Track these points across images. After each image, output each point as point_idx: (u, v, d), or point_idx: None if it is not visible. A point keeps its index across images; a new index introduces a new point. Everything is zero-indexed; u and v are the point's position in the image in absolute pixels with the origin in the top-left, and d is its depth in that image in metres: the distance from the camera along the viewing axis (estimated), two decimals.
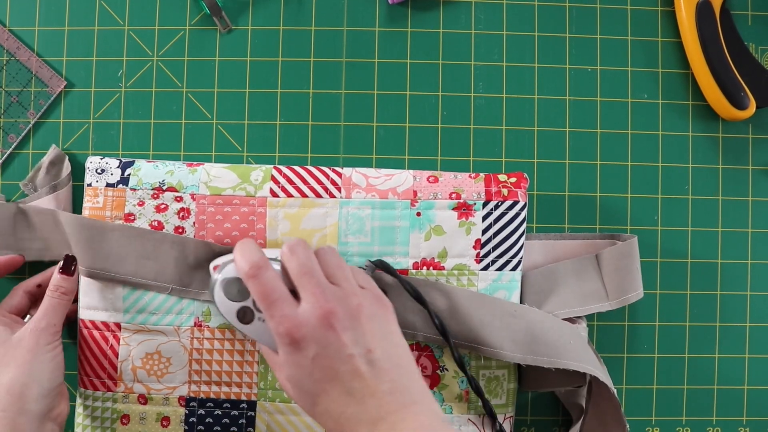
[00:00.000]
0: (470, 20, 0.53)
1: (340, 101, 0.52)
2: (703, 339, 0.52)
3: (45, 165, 0.50)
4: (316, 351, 0.38)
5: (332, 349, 0.38)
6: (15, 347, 0.43)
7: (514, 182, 0.48)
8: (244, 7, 0.52)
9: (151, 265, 0.47)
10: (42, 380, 0.42)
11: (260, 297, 0.39)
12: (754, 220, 0.53)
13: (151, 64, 0.52)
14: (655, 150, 0.53)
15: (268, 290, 0.39)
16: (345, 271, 0.41)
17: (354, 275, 0.42)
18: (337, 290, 0.40)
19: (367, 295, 0.41)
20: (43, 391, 0.42)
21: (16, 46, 0.51)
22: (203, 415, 0.48)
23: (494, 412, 0.47)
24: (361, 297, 0.40)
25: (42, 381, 0.42)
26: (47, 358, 0.43)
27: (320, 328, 0.38)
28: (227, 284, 0.42)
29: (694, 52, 0.51)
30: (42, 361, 0.43)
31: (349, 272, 0.41)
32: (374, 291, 0.42)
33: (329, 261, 0.41)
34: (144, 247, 0.47)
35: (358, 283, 0.42)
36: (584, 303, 0.49)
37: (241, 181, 0.48)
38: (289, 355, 0.39)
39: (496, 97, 0.52)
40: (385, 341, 0.39)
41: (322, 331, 0.38)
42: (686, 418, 0.52)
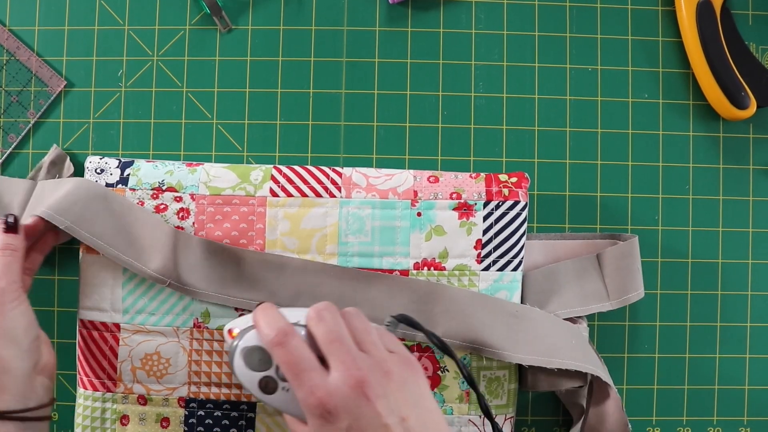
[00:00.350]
0: (470, 20, 0.53)
1: (341, 101, 0.52)
2: (703, 339, 0.52)
3: (46, 165, 0.50)
4: (350, 422, 0.36)
5: (366, 420, 0.36)
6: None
7: (515, 182, 0.48)
8: (244, 7, 0.52)
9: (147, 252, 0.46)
10: (16, 338, 0.41)
11: (288, 366, 0.38)
12: (754, 220, 0.53)
13: (151, 64, 0.52)
14: (655, 150, 0.53)
15: (296, 359, 0.37)
16: (372, 336, 0.40)
17: (381, 337, 0.40)
18: (367, 357, 0.38)
19: (396, 360, 0.39)
20: (22, 348, 0.41)
21: (16, 45, 0.51)
22: (203, 416, 0.48)
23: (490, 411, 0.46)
24: (391, 363, 0.38)
25: (16, 338, 0.41)
26: (15, 314, 0.42)
27: (353, 397, 0.36)
28: (248, 353, 0.40)
29: (695, 52, 0.51)
30: (11, 319, 0.42)
31: (377, 336, 0.40)
32: (402, 354, 0.40)
33: (356, 326, 0.40)
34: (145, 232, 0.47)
35: (386, 346, 0.40)
36: (585, 303, 0.49)
37: (241, 180, 0.48)
38: (321, 427, 0.37)
39: (497, 96, 0.52)
40: (419, 408, 0.38)
41: (356, 401, 0.36)
42: (687, 418, 0.52)
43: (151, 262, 0.46)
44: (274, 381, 0.40)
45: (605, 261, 0.49)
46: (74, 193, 0.46)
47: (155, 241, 0.47)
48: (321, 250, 0.48)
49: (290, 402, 0.39)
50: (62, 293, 0.51)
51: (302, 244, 0.47)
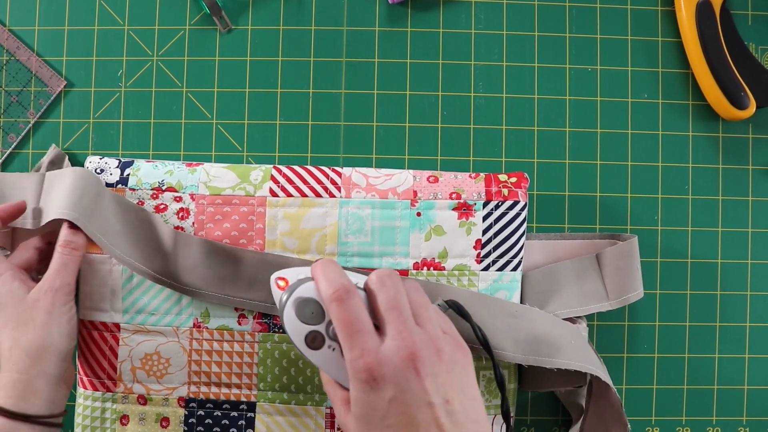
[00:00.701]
0: (470, 20, 0.53)
1: (340, 101, 0.52)
2: (703, 339, 0.52)
3: (45, 165, 0.50)
4: (395, 393, 0.35)
5: (412, 395, 0.35)
6: (32, 307, 0.41)
7: (515, 182, 0.48)
8: (244, 7, 0.52)
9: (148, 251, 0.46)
10: (60, 343, 0.42)
11: (342, 324, 0.37)
12: (754, 220, 0.53)
13: (151, 64, 0.52)
14: (655, 150, 0.53)
15: (352, 318, 0.37)
16: (429, 312, 0.39)
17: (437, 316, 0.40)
18: (423, 332, 0.37)
19: (450, 341, 0.38)
20: (61, 355, 0.42)
21: (16, 45, 0.51)
22: (203, 416, 0.48)
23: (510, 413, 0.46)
24: (443, 342, 0.38)
25: (60, 344, 0.42)
26: (64, 320, 0.42)
27: (403, 369, 0.36)
28: (301, 304, 0.39)
29: (695, 52, 0.51)
30: (59, 324, 0.42)
31: (434, 314, 0.39)
32: (455, 336, 0.39)
33: (415, 299, 0.39)
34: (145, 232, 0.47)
35: (440, 326, 0.39)
36: (584, 303, 0.49)
37: (241, 180, 0.48)
38: (364, 393, 0.36)
39: (496, 96, 0.52)
40: (463, 393, 0.37)
41: (405, 373, 0.35)
42: (686, 418, 0.52)
43: (152, 262, 0.46)
44: (322, 337, 0.39)
45: (605, 261, 0.49)
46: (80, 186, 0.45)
47: (155, 241, 0.47)
48: (321, 250, 0.48)
49: (333, 362, 0.39)
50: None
51: (302, 244, 0.47)
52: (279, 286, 0.41)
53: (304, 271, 0.41)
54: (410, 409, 0.35)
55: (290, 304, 0.39)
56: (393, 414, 0.35)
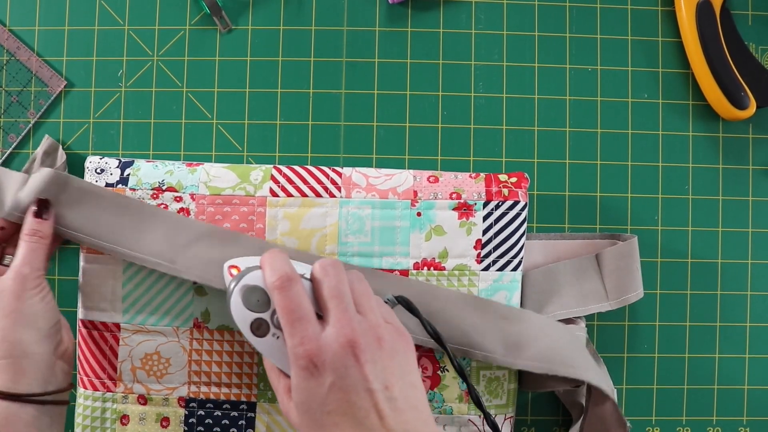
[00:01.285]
0: (470, 20, 0.53)
1: (340, 101, 0.52)
2: (703, 339, 0.52)
3: (39, 156, 0.50)
4: (334, 380, 0.36)
5: (351, 381, 0.36)
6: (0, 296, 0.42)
7: (515, 182, 0.48)
8: (244, 7, 0.52)
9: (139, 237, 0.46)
10: (36, 323, 0.42)
11: (285, 312, 0.37)
12: (754, 220, 0.53)
13: (151, 64, 0.52)
14: (655, 150, 0.53)
15: (294, 306, 0.37)
16: (372, 301, 0.40)
17: (379, 306, 0.40)
18: (364, 320, 0.38)
19: (390, 330, 0.39)
20: (41, 334, 0.42)
21: (16, 45, 0.51)
22: (203, 416, 0.48)
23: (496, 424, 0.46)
24: (385, 330, 0.38)
25: (36, 324, 0.42)
26: (35, 301, 0.42)
27: (343, 356, 0.36)
28: (247, 291, 0.40)
29: (695, 52, 0.51)
30: (31, 305, 0.42)
31: (375, 303, 0.40)
32: (397, 326, 0.40)
33: (358, 288, 0.40)
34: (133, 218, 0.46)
35: (383, 315, 0.40)
36: (584, 303, 0.49)
37: (241, 180, 0.48)
38: (304, 380, 0.37)
39: (497, 96, 0.52)
40: (404, 381, 0.38)
41: (344, 360, 0.36)
42: (686, 418, 0.52)
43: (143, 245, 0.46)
44: (267, 325, 0.39)
45: (604, 261, 0.49)
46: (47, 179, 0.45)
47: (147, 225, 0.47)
48: (321, 250, 0.48)
49: (277, 350, 0.39)
50: (62, 293, 0.51)
51: (302, 244, 0.47)
52: (231, 274, 0.41)
53: (256, 260, 0.42)
54: (349, 395, 0.36)
55: (237, 291, 0.40)
56: (333, 400, 0.36)
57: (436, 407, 0.48)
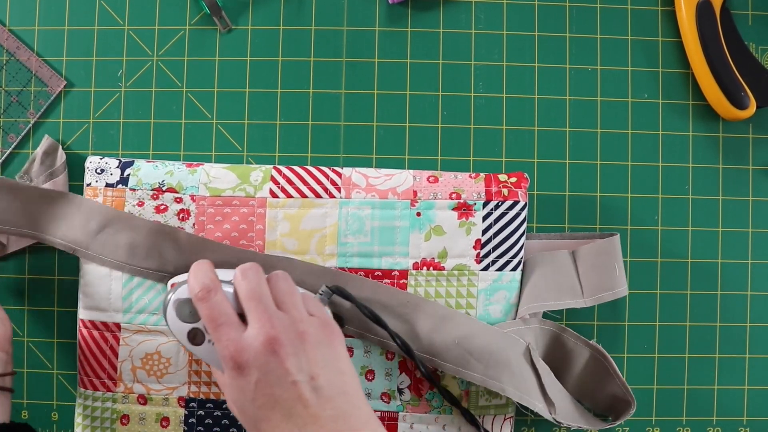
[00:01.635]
0: (470, 20, 0.53)
1: (340, 101, 0.52)
2: (703, 339, 0.52)
3: (39, 156, 0.50)
4: (258, 377, 0.38)
5: (274, 376, 0.38)
6: None
7: (515, 182, 0.48)
8: (244, 7, 0.52)
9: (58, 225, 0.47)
10: None
11: (208, 320, 0.40)
12: (754, 220, 0.53)
13: (151, 64, 0.52)
14: (655, 150, 0.53)
15: (215, 314, 0.40)
16: (294, 298, 0.41)
17: (304, 302, 0.42)
18: (284, 317, 0.40)
19: (314, 322, 0.41)
20: None
21: (16, 45, 0.51)
22: (203, 415, 0.48)
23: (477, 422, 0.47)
24: (307, 324, 0.40)
25: None
26: None
27: (264, 354, 0.38)
28: (180, 305, 0.42)
29: (695, 52, 0.51)
30: None
31: (299, 299, 0.42)
32: (323, 317, 0.42)
33: (280, 287, 0.41)
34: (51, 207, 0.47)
35: (308, 309, 0.42)
36: (559, 297, 0.49)
37: (241, 181, 0.48)
38: (233, 379, 0.39)
39: (497, 96, 0.52)
40: (330, 368, 0.39)
41: (266, 357, 0.38)
42: (686, 418, 0.52)
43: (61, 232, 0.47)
44: (201, 333, 0.42)
45: (580, 258, 0.49)
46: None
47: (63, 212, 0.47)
48: (320, 251, 0.48)
49: (214, 355, 0.41)
50: (62, 293, 0.51)
51: (302, 244, 0.47)
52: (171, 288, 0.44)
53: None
54: (274, 389, 0.38)
55: (171, 305, 0.42)
56: (260, 396, 0.38)
57: (436, 407, 0.48)
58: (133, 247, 0.47)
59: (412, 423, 0.48)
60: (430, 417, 0.48)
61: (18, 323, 0.51)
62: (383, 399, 0.48)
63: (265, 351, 0.38)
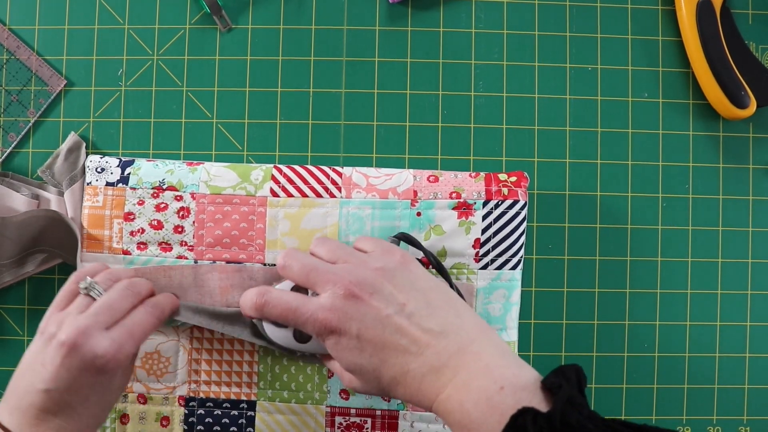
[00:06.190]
0: (470, 19, 0.53)
1: (340, 100, 0.52)
2: (703, 338, 0.52)
3: (63, 152, 0.50)
4: (357, 327, 0.38)
5: (369, 318, 0.38)
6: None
7: (515, 181, 0.48)
8: (245, 6, 0.52)
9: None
10: None
11: (283, 315, 0.40)
12: (754, 219, 0.53)
13: (151, 63, 0.52)
14: (655, 149, 0.53)
15: (284, 305, 0.39)
16: (345, 249, 0.41)
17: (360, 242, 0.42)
18: (347, 266, 0.40)
19: (378, 256, 0.41)
20: None
21: (16, 44, 0.51)
22: (203, 414, 0.48)
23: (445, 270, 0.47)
24: (372, 260, 0.40)
25: None
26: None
27: (349, 304, 0.38)
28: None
29: (695, 51, 0.51)
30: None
31: (350, 248, 0.42)
32: (383, 247, 0.42)
33: (327, 248, 0.42)
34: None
35: (364, 248, 0.42)
36: None
37: (242, 180, 0.48)
38: (336, 345, 0.38)
39: (497, 96, 0.52)
40: (414, 290, 0.39)
41: (352, 306, 0.38)
42: (686, 418, 0.52)
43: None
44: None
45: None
46: None
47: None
48: None
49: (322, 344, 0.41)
50: None
51: (302, 244, 0.47)
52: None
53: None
54: (374, 330, 0.37)
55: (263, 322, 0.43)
56: (367, 345, 0.38)
57: None
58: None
59: (412, 422, 0.48)
60: (431, 415, 0.48)
61: (18, 323, 0.51)
62: (383, 398, 0.48)
63: (348, 301, 0.38)
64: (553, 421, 0.31)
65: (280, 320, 0.40)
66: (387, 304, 0.38)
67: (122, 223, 0.48)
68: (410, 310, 0.38)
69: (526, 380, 0.34)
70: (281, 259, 0.41)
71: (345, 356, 0.39)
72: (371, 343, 0.38)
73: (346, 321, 0.38)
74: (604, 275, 0.52)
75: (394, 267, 0.40)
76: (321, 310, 0.38)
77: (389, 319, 0.37)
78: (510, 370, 0.35)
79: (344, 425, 0.48)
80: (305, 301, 0.39)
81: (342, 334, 0.38)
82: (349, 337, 0.38)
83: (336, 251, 0.41)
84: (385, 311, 0.38)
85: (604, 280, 0.52)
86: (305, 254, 0.41)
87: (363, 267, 0.40)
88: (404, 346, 0.37)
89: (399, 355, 0.37)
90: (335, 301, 0.38)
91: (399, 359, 0.37)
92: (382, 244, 0.43)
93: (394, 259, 0.41)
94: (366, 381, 0.39)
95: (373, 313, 0.38)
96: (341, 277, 0.39)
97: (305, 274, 0.40)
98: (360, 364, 0.38)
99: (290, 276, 0.41)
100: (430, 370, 0.36)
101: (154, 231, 0.48)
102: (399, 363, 0.37)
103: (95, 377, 0.38)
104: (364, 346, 0.38)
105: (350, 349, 0.38)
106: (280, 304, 0.40)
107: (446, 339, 0.37)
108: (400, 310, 0.38)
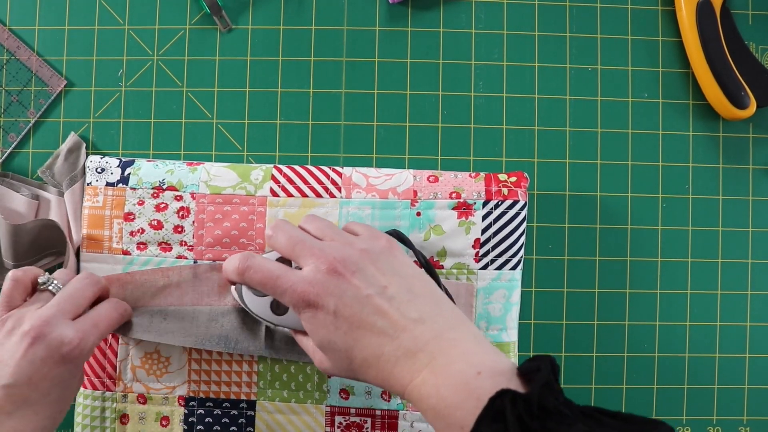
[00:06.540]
0: (470, 19, 0.53)
1: (340, 101, 0.52)
2: (703, 338, 0.52)
3: (63, 152, 0.50)
4: (335, 303, 0.37)
5: (348, 296, 0.37)
6: None
7: (515, 181, 0.48)
8: (245, 7, 0.52)
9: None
10: None
11: (263, 282, 0.39)
12: (754, 220, 0.53)
13: (151, 64, 0.52)
14: (655, 149, 0.53)
15: (265, 272, 0.39)
16: (334, 228, 0.42)
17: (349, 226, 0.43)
18: (334, 244, 0.40)
19: (365, 239, 0.41)
20: None
21: (17, 45, 0.51)
22: (203, 414, 0.48)
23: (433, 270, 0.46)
24: (359, 242, 0.40)
25: None
26: None
27: (329, 279, 0.38)
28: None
29: (695, 52, 0.51)
30: None
31: (338, 228, 0.42)
32: (371, 232, 0.42)
33: (316, 225, 0.42)
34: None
35: (354, 231, 0.42)
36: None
37: (242, 180, 0.48)
38: (312, 319, 0.38)
39: (497, 96, 0.52)
40: (397, 276, 0.39)
41: (333, 282, 0.38)
42: (686, 418, 0.52)
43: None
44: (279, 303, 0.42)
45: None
46: None
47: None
48: None
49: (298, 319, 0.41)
50: None
51: None
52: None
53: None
54: (354, 308, 0.37)
55: (244, 289, 0.43)
56: (342, 322, 0.37)
57: None
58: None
59: (412, 421, 0.48)
60: None
61: None
62: (383, 397, 0.48)
63: (330, 276, 0.38)
64: (531, 404, 0.31)
65: (259, 287, 0.40)
66: (368, 285, 0.38)
67: (122, 224, 0.48)
68: (391, 293, 0.38)
69: (503, 366, 0.34)
70: (269, 229, 0.42)
71: (319, 332, 0.38)
72: (347, 320, 0.37)
73: (324, 296, 0.38)
74: (604, 275, 0.52)
75: (380, 251, 0.40)
76: (301, 283, 0.38)
77: (369, 299, 0.37)
78: (488, 356, 0.35)
79: (344, 425, 0.48)
80: (287, 272, 0.39)
81: (319, 309, 0.38)
82: (325, 312, 0.38)
83: (324, 229, 0.42)
84: (366, 291, 0.37)
85: (604, 280, 0.52)
86: (294, 227, 0.41)
87: (349, 246, 0.40)
88: (380, 328, 0.37)
89: (374, 337, 0.37)
90: (317, 275, 0.38)
91: (373, 340, 0.37)
92: (370, 229, 0.43)
93: (379, 244, 0.41)
94: (337, 360, 0.38)
95: (352, 291, 0.37)
96: (326, 253, 0.39)
97: (291, 245, 0.40)
98: (333, 341, 0.38)
99: (276, 246, 0.41)
100: (405, 354, 0.36)
101: (154, 231, 0.48)
102: (373, 344, 0.37)
103: (58, 367, 0.38)
104: (339, 324, 0.37)
105: (325, 325, 0.38)
106: (262, 270, 0.39)
107: (423, 325, 0.37)
108: (381, 292, 0.38)
